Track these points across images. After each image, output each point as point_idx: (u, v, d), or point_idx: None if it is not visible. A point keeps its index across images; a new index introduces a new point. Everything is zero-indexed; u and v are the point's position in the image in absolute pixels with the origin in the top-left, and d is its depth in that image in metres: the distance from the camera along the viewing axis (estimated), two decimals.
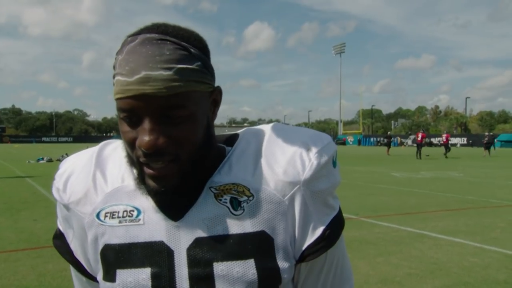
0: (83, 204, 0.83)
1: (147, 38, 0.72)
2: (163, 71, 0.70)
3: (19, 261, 4.92)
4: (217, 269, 0.76)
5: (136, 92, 0.69)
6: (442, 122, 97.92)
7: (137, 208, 0.80)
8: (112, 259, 0.80)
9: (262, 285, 0.77)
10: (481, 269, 4.67)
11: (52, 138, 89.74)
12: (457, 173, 16.41)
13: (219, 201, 0.78)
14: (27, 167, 19.14)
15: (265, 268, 0.77)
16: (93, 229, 0.82)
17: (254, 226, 0.77)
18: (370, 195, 10.27)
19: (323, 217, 0.81)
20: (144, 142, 0.70)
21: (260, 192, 0.78)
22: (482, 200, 9.63)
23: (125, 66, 0.71)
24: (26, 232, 6.34)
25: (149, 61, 0.70)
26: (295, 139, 0.82)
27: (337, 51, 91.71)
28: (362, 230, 6.52)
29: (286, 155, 0.79)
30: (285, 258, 0.79)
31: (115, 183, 0.83)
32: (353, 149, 47.57)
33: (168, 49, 0.71)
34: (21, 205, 8.83)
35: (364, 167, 19.50)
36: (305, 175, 0.78)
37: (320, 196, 0.80)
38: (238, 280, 0.76)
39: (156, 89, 0.69)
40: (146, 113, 0.71)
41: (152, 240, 0.78)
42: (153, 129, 0.70)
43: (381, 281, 4.30)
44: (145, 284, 0.77)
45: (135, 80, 0.69)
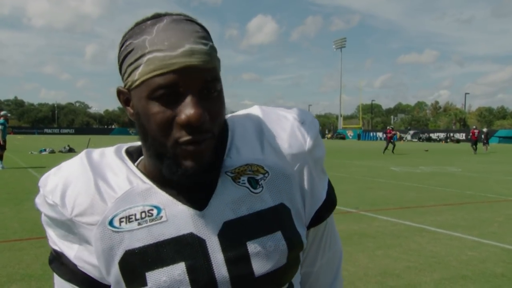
0: (90, 215, 0.78)
1: (176, 18, 0.74)
2: (203, 46, 0.72)
3: (23, 250, 5.00)
4: (251, 247, 0.77)
5: (182, 65, 0.70)
6: (441, 118, 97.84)
7: (156, 206, 0.78)
8: (138, 264, 0.76)
9: (291, 253, 0.80)
10: (479, 263, 4.74)
11: (54, 130, 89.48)
12: (455, 168, 16.47)
13: (237, 183, 0.80)
14: (30, 158, 19.22)
15: (291, 237, 0.81)
16: (105, 239, 0.77)
17: (274, 200, 0.80)
18: (369, 189, 10.33)
19: (323, 181, 0.89)
20: (191, 115, 0.69)
21: (273, 167, 0.81)
22: (480, 194, 9.70)
23: (163, 41, 0.70)
24: (30, 222, 6.41)
25: (189, 36, 0.72)
26: (286, 115, 0.87)
27: (338, 46, 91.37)
28: (361, 223, 6.58)
29: (286, 130, 0.84)
30: (301, 225, 0.84)
31: (123, 187, 0.79)
32: (353, 144, 47.61)
33: (199, 28, 0.75)
34: (24, 195, 8.88)
35: (364, 162, 19.57)
36: (307, 145, 0.84)
37: (319, 163, 0.87)
38: (271, 253, 0.78)
39: (202, 61, 0.71)
40: (189, 87, 0.71)
41: (180, 234, 0.77)
42: (198, 103, 0.71)
43: (380, 273, 4.36)
44: (181, 279, 0.75)
45: (180, 53, 0.70)
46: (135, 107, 0.76)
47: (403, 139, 59.35)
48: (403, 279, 4.22)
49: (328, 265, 0.96)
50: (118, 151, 0.86)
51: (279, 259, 0.79)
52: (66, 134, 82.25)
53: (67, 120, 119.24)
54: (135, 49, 0.73)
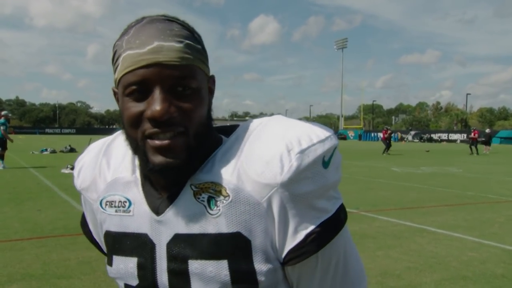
0: (91, 191, 0.89)
1: (154, 18, 0.76)
2: (175, 43, 0.72)
3: (24, 250, 5.00)
4: (192, 267, 0.77)
5: (149, 61, 0.71)
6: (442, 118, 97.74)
7: (128, 200, 0.83)
8: (110, 245, 0.87)
9: (236, 286, 0.76)
10: (479, 263, 4.73)
11: (56, 130, 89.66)
12: (456, 169, 16.45)
13: (197, 199, 0.77)
14: (31, 158, 19.27)
15: (239, 270, 0.76)
16: (98, 215, 0.89)
17: (229, 227, 0.75)
18: (370, 190, 10.33)
19: (309, 220, 0.75)
20: (156, 110, 0.70)
21: (237, 192, 0.75)
22: (481, 195, 9.68)
23: (135, 40, 0.73)
24: (31, 222, 6.42)
25: (161, 34, 0.73)
26: (282, 136, 0.76)
27: (339, 46, 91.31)
28: (362, 224, 6.58)
29: (266, 155, 0.74)
30: (265, 261, 0.76)
31: (115, 172, 0.86)
32: (354, 144, 47.56)
33: (177, 27, 0.75)
34: (26, 195, 8.91)
35: (365, 162, 19.54)
36: (282, 177, 0.72)
37: (304, 199, 0.74)
38: (211, 279, 0.76)
39: (169, 58, 0.71)
40: (157, 83, 0.72)
41: (139, 232, 0.82)
42: (165, 98, 0.71)
43: (381, 274, 4.35)
44: (132, 272, 0.83)
45: (147, 50, 0.71)
46: (119, 105, 0.79)
47: (404, 139, 59.29)
48: (404, 280, 4.21)
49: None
50: None
51: (221, 287, 0.76)
52: (68, 134, 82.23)
53: (68, 120, 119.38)
54: (117, 50, 0.76)
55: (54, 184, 10.50)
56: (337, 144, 0.79)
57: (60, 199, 8.57)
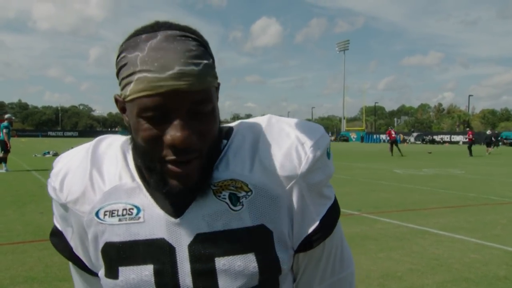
0: (81, 203, 0.82)
1: (170, 34, 0.72)
2: (194, 66, 0.70)
3: (26, 253, 5.01)
4: (219, 264, 0.77)
5: (169, 88, 0.69)
6: (444, 120, 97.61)
7: (136, 206, 0.80)
8: (114, 257, 0.81)
9: (263, 276, 0.79)
10: (482, 265, 4.72)
11: (58, 133, 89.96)
12: (458, 170, 16.43)
13: (218, 197, 0.78)
14: (33, 161, 19.28)
15: (265, 260, 0.78)
16: (92, 227, 0.82)
17: (253, 221, 0.78)
18: (372, 192, 10.31)
19: (319, 207, 0.83)
20: (177, 138, 0.70)
21: (258, 187, 0.78)
22: (483, 197, 9.66)
23: (153, 62, 0.69)
24: (33, 225, 6.44)
25: (180, 57, 0.70)
26: (290, 132, 0.82)
27: (341, 48, 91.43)
28: (364, 226, 6.57)
29: (282, 149, 0.80)
30: (284, 249, 0.81)
31: (112, 181, 0.82)
32: (356, 146, 47.54)
33: (193, 45, 0.72)
34: (28, 198, 8.92)
35: (367, 164, 19.54)
36: (301, 168, 0.78)
37: (316, 188, 0.81)
38: (239, 273, 0.77)
39: (190, 84, 0.69)
40: (177, 109, 0.70)
41: (153, 237, 0.79)
42: (184, 125, 0.70)
43: (383, 276, 4.35)
44: (148, 280, 0.79)
45: (168, 76, 0.68)
46: (128, 117, 0.77)
47: (407, 141, 59.23)
48: (405, 282, 4.21)
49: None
50: (125, 144, 0.87)
51: (248, 280, 0.78)
52: (70, 137, 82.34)
53: (70, 123, 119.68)
54: (128, 64, 0.73)
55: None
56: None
57: None
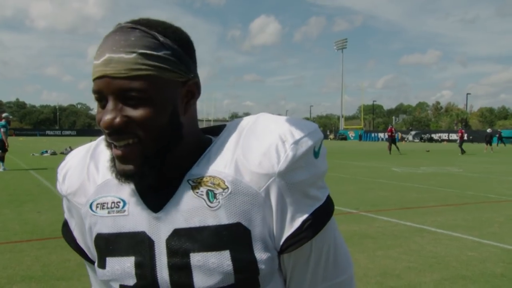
0: (79, 196, 0.88)
1: (121, 26, 0.78)
2: (124, 54, 0.74)
3: (24, 252, 5.01)
4: (194, 260, 0.78)
5: (100, 73, 0.75)
6: (443, 118, 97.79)
7: (122, 200, 0.84)
8: (103, 248, 0.85)
9: (239, 275, 0.78)
10: (479, 263, 4.74)
11: (56, 132, 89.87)
12: (457, 169, 16.46)
13: (196, 194, 0.79)
14: (31, 160, 19.24)
15: (241, 259, 0.78)
16: (88, 219, 0.88)
17: (229, 218, 0.78)
18: (370, 190, 10.33)
19: (303, 207, 0.80)
20: (103, 121, 0.75)
21: (235, 184, 0.78)
22: (481, 195, 9.68)
23: (97, 51, 0.77)
24: (30, 224, 6.43)
25: (113, 45, 0.75)
26: (274, 130, 0.81)
27: (339, 47, 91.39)
28: (362, 224, 6.59)
29: (262, 147, 0.79)
30: (264, 249, 0.79)
31: (105, 175, 0.86)
32: (354, 144, 47.61)
33: (135, 36, 0.75)
34: (26, 197, 8.92)
35: (365, 162, 19.57)
36: (279, 167, 0.77)
37: (298, 188, 0.79)
38: (214, 270, 0.78)
39: (116, 70, 0.74)
40: (108, 94, 0.75)
41: (135, 230, 0.82)
42: (112, 109, 0.75)
43: (381, 274, 4.36)
44: (129, 271, 0.82)
45: (100, 62, 0.75)
46: None
47: (405, 139, 59.32)
48: (403, 280, 4.22)
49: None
50: None
51: (223, 278, 0.78)
52: (68, 135, 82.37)
53: (68, 122, 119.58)
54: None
55: (54, 186, 10.42)
56: (323, 137, 0.84)
57: (60, 201, 8.40)
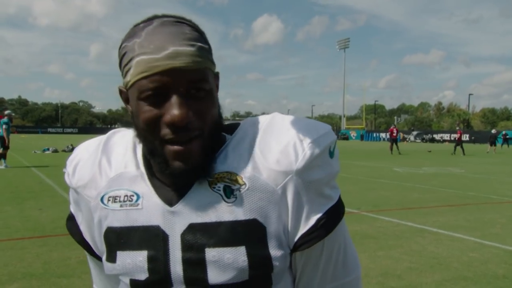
0: (89, 188, 0.87)
1: (165, 21, 0.77)
2: (187, 47, 0.74)
3: (25, 249, 5.02)
4: (209, 255, 0.78)
5: (165, 67, 0.72)
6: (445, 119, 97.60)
7: (136, 193, 0.83)
8: (114, 241, 0.84)
9: (253, 272, 0.79)
10: (481, 264, 4.72)
11: (58, 129, 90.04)
12: (458, 169, 16.42)
13: (213, 189, 0.79)
14: (33, 157, 19.31)
15: (256, 255, 0.78)
16: (97, 212, 0.86)
17: (246, 214, 0.78)
18: (371, 190, 10.31)
19: (318, 206, 0.81)
20: (175, 115, 0.72)
21: (253, 180, 0.79)
22: (483, 196, 9.66)
23: (149, 45, 0.74)
24: (32, 221, 6.44)
25: (174, 38, 0.74)
26: (291, 129, 0.82)
27: (341, 46, 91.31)
28: (363, 224, 6.57)
29: (280, 145, 0.80)
30: (278, 247, 0.80)
31: (118, 168, 0.86)
32: (356, 144, 47.54)
33: (187, 29, 0.77)
34: (27, 194, 8.93)
35: (366, 162, 19.53)
36: (297, 165, 0.78)
37: (314, 186, 0.80)
38: (229, 266, 0.78)
39: (185, 63, 0.73)
40: (174, 88, 0.73)
41: (149, 224, 0.81)
42: (182, 103, 0.73)
43: (382, 274, 4.35)
44: (141, 266, 0.81)
45: (163, 56, 0.72)
46: (131, 106, 0.81)
47: (406, 139, 59.20)
48: (404, 280, 4.21)
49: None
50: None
51: (238, 273, 0.78)
52: (70, 133, 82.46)
53: (70, 120, 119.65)
54: (127, 52, 0.77)
55: (56, 183, 10.51)
56: (336, 138, 0.85)
57: (62, 198, 8.58)
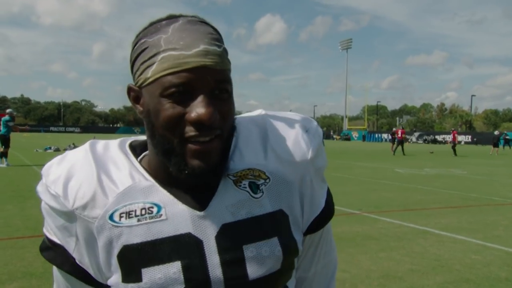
0: (91, 208, 0.78)
1: (191, 19, 0.77)
2: (216, 47, 0.75)
3: (26, 248, 5.01)
4: (247, 251, 0.79)
5: (196, 64, 0.72)
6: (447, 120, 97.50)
7: (156, 204, 0.78)
8: (135, 259, 0.77)
9: (285, 260, 0.82)
10: (483, 266, 4.70)
11: (60, 128, 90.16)
12: (460, 171, 16.38)
13: (238, 187, 0.81)
14: (35, 156, 19.29)
15: (287, 243, 0.82)
16: (105, 232, 0.78)
17: (273, 206, 0.82)
18: (373, 191, 10.28)
19: (322, 191, 0.90)
20: (203, 113, 0.71)
21: (275, 174, 0.82)
22: (485, 197, 9.63)
23: (178, 41, 0.73)
24: (33, 220, 6.43)
25: (204, 37, 0.74)
26: (291, 122, 0.87)
27: (344, 47, 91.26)
28: (364, 225, 6.55)
29: (291, 138, 0.85)
30: (298, 232, 0.86)
31: (125, 182, 0.80)
32: (358, 145, 47.51)
33: (212, 30, 0.77)
34: (29, 193, 8.90)
35: (368, 163, 19.50)
36: (310, 154, 0.85)
37: (320, 172, 0.89)
38: (266, 258, 0.79)
39: (215, 62, 0.73)
40: (202, 86, 0.73)
41: (178, 233, 0.77)
42: (209, 102, 0.73)
43: (383, 276, 4.33)
44: (176, 277, 0.76)
45: (194, 53, 0.72)
46: (145, 104, 0.77)
47: (408, 140, 59.10)
48: (406, 282, 4.18)
49: (322, 273, 0.98)
50: (122, 145, 0.87)
51: (273, 264, 0.80)
52: (72, 132, 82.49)
53: (73, 119, 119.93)
54: (150, 47, 0.75)
55: None
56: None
57: None
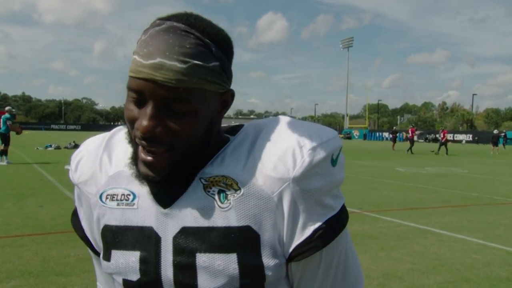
0: (90, 185, 0.87)
1: (173, 26, 0.72)
2: (177, 63, 0.69)
3: (24, 246, 4.99)
4: (199, 260, 0.76)
5: (146, 76, 0.70)
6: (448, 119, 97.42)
7: (133, 193, 0.82)
8: (109, 240, 0.84)
9: (244, 280, 0.76)
10: (484, 266, 4.68)
11: (61, 126, 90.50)
12: (461, 170, 16.35)
13: (207, 192, 0.77)
14: (35, 154, 19.26)
15: (248, 263, 0.76)
16: (97, 209, 0.86)
17: (239, 221, 0.75)
18: (374, 190, 10.26)
19: (316, 216, 0.77)
20: (142, 126, 0.71)
21: (248, 186, 0.76)
22: (486, 197, 9.60)
23: (143, 48, 0.71)
24: (32, 218, 6.42)
25: (167, 49, 0.70)
26: (292, 133, 0.78)
27: (345, 45, 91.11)
28: (365, 224, 6.53)
29: (279, 150, 0.76)
30: (272, 256, 0.77)
31: (118, 166, 0.85)
32: (359, 144, 47.48)
33: (190, 43, 0.71)
34: (28, 191, 8.92)
35: (369, 162, 19.47)
36: (295, 172, 0.74)
37: (313, 195, 0.76)
38: (219, 273, 0.76)
39: (166, 79, 0.69)
40: (151, 98, 0.71)
41: (143, 225, 0.80)
42: (153, 116, 0.71)
43: (383, 275, 4.31)
44: (134, 266, 0.80)
45: (148, 64, 0.70)
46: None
47: None
48: (406, 282, 4.17)
49: None
50: None
51: (228, 281, 0.76)
52: (73, 130, 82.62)
53: (73, 116, 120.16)
54: (137, 44, 0.76)
55: (57, 180, 10.50)
56: (342, 145, 0.81)
57: (62, 195, 8.57)
